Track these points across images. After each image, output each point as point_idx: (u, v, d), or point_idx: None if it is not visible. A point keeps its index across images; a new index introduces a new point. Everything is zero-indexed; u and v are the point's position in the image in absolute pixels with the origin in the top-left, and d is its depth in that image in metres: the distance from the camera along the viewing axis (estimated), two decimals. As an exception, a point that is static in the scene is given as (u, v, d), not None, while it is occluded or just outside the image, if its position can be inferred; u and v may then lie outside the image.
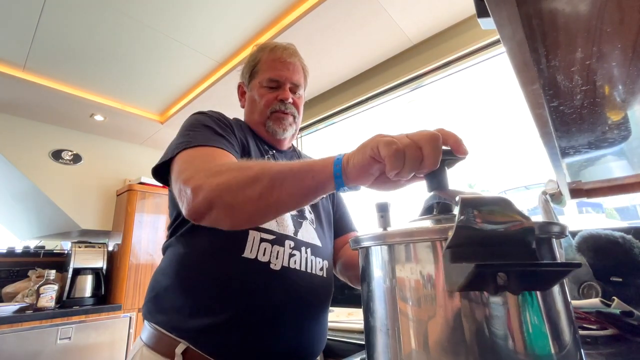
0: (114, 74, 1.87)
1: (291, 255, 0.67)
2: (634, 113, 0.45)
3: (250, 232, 0.65)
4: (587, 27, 0.29)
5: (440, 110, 2.00)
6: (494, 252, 0.26)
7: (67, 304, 1.98)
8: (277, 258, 0.65)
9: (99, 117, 2.28)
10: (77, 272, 2.11)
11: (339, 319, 1.27)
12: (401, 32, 1.56)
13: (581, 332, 0.67)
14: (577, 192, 0.80)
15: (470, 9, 1.40)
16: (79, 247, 2.20)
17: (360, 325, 1.04)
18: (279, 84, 0.82)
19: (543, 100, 0.38)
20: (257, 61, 0.84)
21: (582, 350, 0.31)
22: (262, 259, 0.64)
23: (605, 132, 0.51)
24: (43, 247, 2.54)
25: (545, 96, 0.39)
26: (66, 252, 2.50)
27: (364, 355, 0.40)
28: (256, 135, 0.84)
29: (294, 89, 0.84)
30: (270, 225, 0.68)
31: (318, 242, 0.75)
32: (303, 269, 0.68)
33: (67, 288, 2.04)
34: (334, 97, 2.03)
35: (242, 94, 0.91)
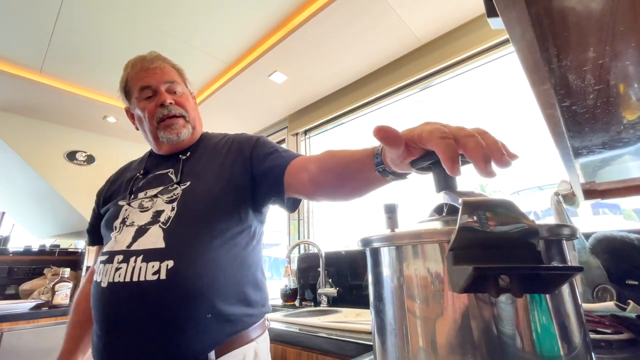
0: (127, 77, 1.91)
1: (117, 269, 0.65)
2: (650, 112, 0.44)
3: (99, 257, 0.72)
4: (599, 25, 0.28)
5: (449, 111, 1.98)
6: (497, 254, 0.26)
7: (81, 302, 2.03)
8: (105, 276, 0.66)
9: (111, 119, 2.33)
10: (91, 270, 2.15)
11: (347, 320, 1.27)
12: (410, 32, 1.56)
13: (595, 336, 0.65)
14: (591, 193, 0.78)
15: (480, 8, 1.38)
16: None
17: (368, 326, 1.04)
18: (153, 90, 0.80)
19: (554, 100, 0.38)
20: (126, 80, 0.84)
21: (592, 353, 0.30)
22: (98, 279, 0.68)
23: (620, 131, 0.50)
24: (58, 246, 2.60)
25: (557, 96, 0.38)
26: (80, 250, 2.55)
27: (372, 356, 0.40)
28: (153, 155, 0.90)
29: (172, 89, 0.81)
30: (108, 245, 0.72)
31: (161, 244, 0.67)
32: (128, 279, 0.64)
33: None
34: (343, 98, 2.03)
35: (131, 117, 0.89)
